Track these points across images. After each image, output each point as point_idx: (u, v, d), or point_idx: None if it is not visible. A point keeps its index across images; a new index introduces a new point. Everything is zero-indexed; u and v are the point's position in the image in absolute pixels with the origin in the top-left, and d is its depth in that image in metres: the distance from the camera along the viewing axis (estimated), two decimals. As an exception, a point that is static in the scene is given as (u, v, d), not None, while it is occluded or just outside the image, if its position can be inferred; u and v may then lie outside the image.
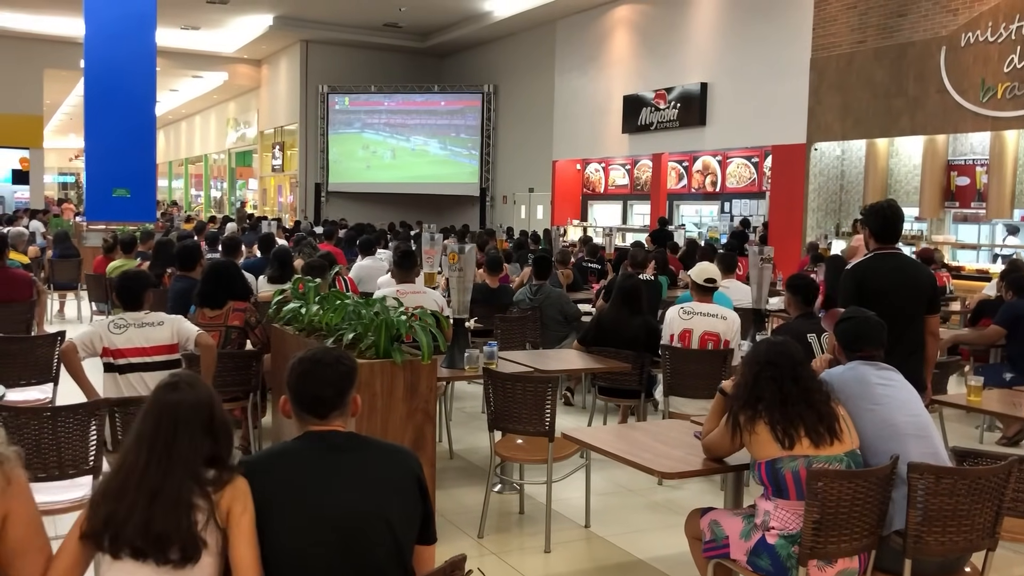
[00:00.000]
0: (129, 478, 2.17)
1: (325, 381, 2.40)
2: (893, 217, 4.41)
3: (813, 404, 3.09)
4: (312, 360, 2.44)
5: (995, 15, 11.35)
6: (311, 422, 2.41)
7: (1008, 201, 12.04)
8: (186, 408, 2.25)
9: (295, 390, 2.42)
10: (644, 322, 5.96)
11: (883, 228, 4.39)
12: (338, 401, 2.42)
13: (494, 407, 4.53)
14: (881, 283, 4.26)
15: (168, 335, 4.83)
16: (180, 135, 39.73)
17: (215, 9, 21.30)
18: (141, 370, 4.75)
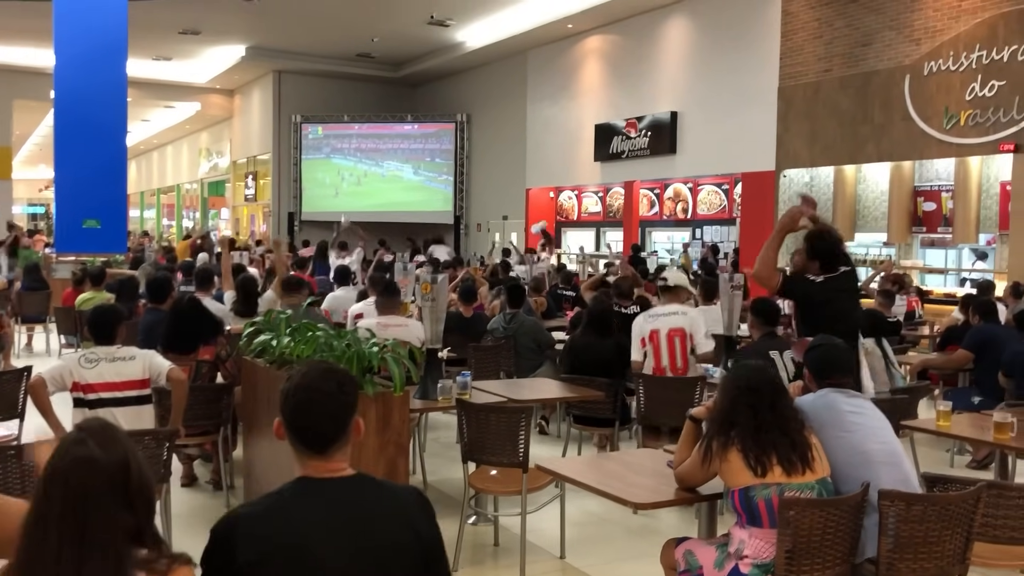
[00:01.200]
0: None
1: (325, 415, 2.10)
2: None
3: (788, 432, 3.09)
4: (310, 389, 2.12)
5: (955, 45, 11.59)
6: (309, 459, 2.12)
7: (973, 226, 12.23)
8: (98, 473, 1.79)
9: (290, 423, 2.13)
10: (616, 344, 6.05)
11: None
12: (340, 435, 2.12)
13: (467, 438, 4.50)
14: None
15: (140, 370, 4.76)
16: (152, 165, 39.50)
17: (187, 40, 21.29)
18: (112, 405, 4.67)
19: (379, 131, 23.45)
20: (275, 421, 2.17)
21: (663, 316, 5.98)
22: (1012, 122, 11.01)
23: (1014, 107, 10.97)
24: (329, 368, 2.20)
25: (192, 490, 5.88)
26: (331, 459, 2.11)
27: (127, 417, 4.65)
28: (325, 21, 19.21)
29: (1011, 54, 10.99)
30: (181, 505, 5.52)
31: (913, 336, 9.60)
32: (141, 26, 18.16)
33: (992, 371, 6.20)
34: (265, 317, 5.36)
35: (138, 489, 1.83)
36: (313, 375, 2.16)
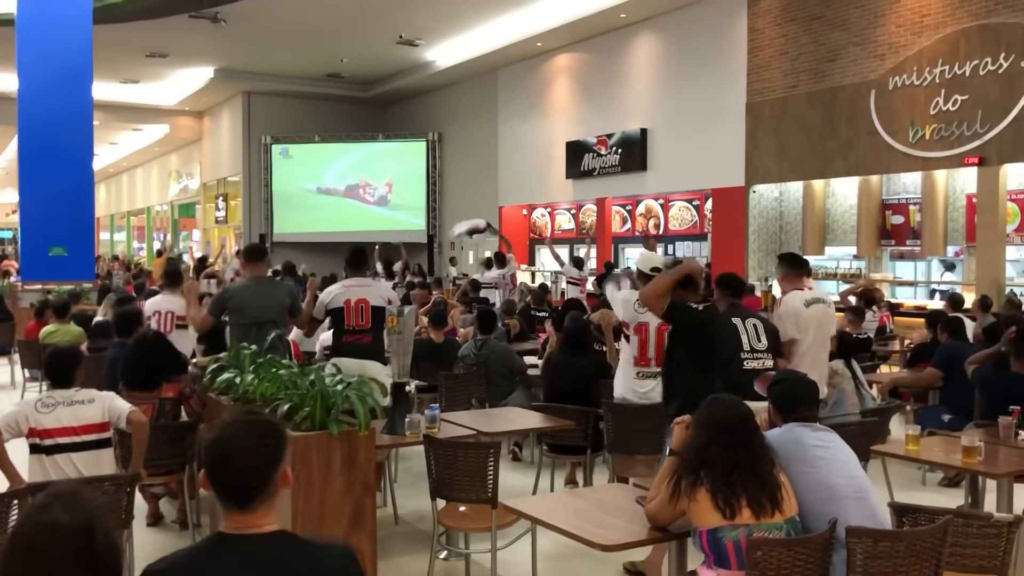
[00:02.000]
0: None
1: (245, 468, 2.02)
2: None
3: (759, 473, 3.06)
4: (229, 442, 2.05)
5: (919, 60, 11.73)
6: (230, 512, 2.05)
7: (941, 238, 12.36)
8: (63, 539, 1.78)
9: (210, 475, 2.05)
10: (593, 363, 6.07)
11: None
12: (262, 488, 2.04)
13: (435, 475, 4.44)
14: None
15: (99, 413, 4.64)
16: (122, 188, 39.15)
17: (155, 62, 21.14)
18: (70, 450, 4.55)
19: (351, 155, 23.38)
20: (200, 473, 2.11)
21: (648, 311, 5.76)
22: (976, 136, 11.14)
23: (977, 121, 11.10)
24: (252, 420, 2.12)
25: (158, 529, 5.77)
26: (252, 513, 2.04)
27: (86, 462, 4.55)
28: (294, 42, 19.15)
29: (973, 69, 11.14)
30: (147, 546, 5.40)
31: (884, 351, 9.66)
32: (107, 49, 18.01)
33: (961, 389, 6.23)
34: (230, 353, 5.29)
35: (105, 553, 1.83)
36: (233, 428, 2.09)
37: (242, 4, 16.27)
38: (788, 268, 5.72)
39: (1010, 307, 9.55)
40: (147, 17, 17.22)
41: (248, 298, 6.18)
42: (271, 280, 6.72)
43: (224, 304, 6.22)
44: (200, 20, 17.24)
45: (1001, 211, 11.29)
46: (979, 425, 5.26)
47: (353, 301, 6.19)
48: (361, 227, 22.77)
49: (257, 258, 6.53)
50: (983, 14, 11.08)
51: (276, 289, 6.46)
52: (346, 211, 23.34)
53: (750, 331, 4.99)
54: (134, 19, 17.26)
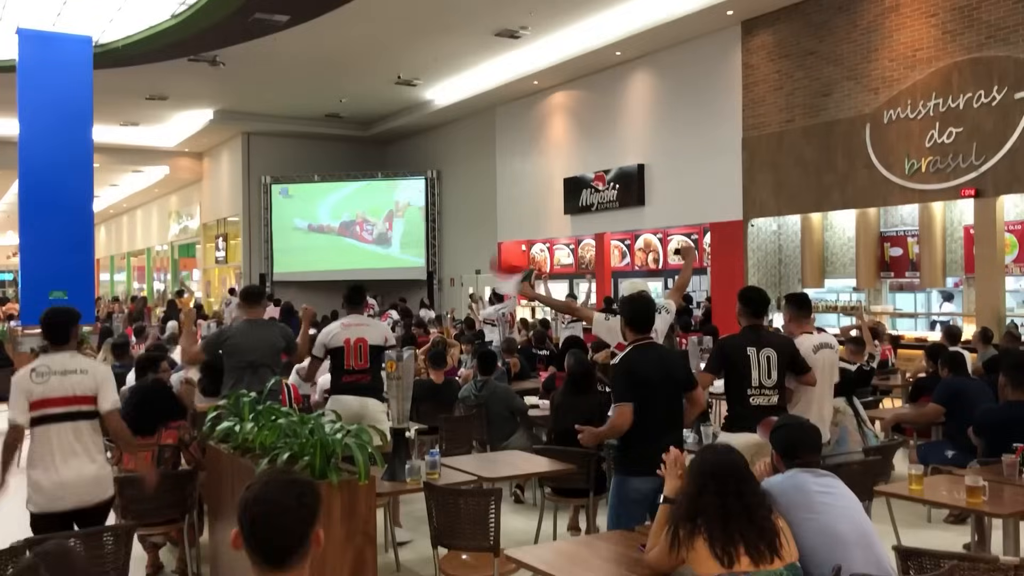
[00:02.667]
0: None
1: (284, 529, 2.03)
2: (644, 308, 4.66)
3: (755, 519, 3.04)
4: (269, 502, 2.05)
5: (913, 94, 11.82)
6: (264, 571, 2.05)
7: (940, 270, 12.36)
8: None
9: (247, 536, 2.05)
10: (597, 400, 6.05)
11: (633, 318, 4.63)
12: (298, 548, 2.04)
13: (436, 523, 4.41)
14: (648, 372, 4.45)
15: (92, 386, 4.53)
16: (122, 229, 39.29)
17: (155, 105, 21.33)
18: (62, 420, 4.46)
19: (349, 189, 23.51)
20: (232, 532, 2.09)
21: None
22: (971, 168, 11.20)
23: (972, 153, 11.16)
24: (291, 480, 2.12)
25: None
26: (287, 572, 2.04)
27: (75, 433, 4.48)
28: (292, 83, 19.33)
29: (966, 101, 11.22)
30: (146, 597, 5.37)
31: (885, 386, 9.63)
32: (108, 92, 18.20)
33: (963, 424, 6.18)
34: (229, 400, 5.27)
35: None
36: (273, 487, 2.08)
37: (241, 47, 16.45)
38: (796, 310, 5.65)
39: (1009, 339, 9.54)
40: (147, 61, 17.41)
41: (242, 340, 6.19)
42: (266, 323, 6.71)
43: (219, 344, 6.23)
44: (199, 63, 17.42)
45: (999, 242, 11.31)
46: (983, 463, 5.23)
47: (352, 340, 6.24)
48: (361, 265, 22.84)
49: (253, 300, 6.54)
50: (975, 48, 11.19)
51: (269, 332, 6.43)
52: (346, 249, 23.40)
53: (762, 364, 4.99)
54: (134, 63, 17.44)
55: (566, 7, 14.50)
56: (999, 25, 10.94)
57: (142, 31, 16.10)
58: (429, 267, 23.02)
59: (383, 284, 22.56)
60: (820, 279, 13.93)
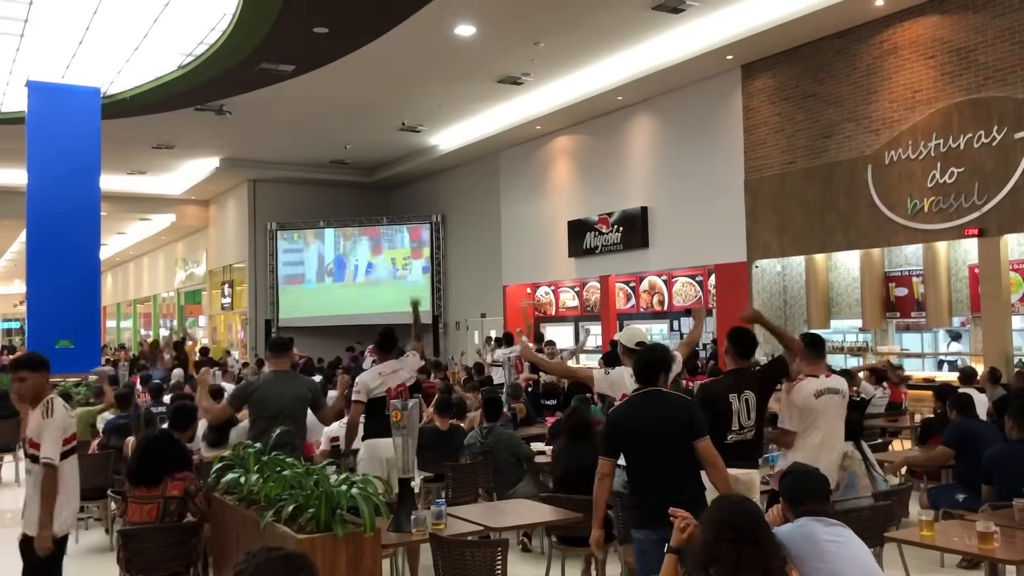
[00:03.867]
0: None
1: None
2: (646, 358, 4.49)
3: (769, 570, 3.01)
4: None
5: (914, 134, 11.90)
6: None
7: (946, 309, 12.34)
8: None
9: None
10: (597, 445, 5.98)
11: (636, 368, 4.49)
12: None
13: (443, 574, 4.37)
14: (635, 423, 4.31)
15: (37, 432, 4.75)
16: (128, 276, 39.48)
17: (162, 154, 21.56)
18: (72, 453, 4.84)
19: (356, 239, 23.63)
20: None
21: None
22: (974, 207, 11.23)
23: (975, 192, 11.20)
24: (285, 555, 2.08)
25: (162, 635, 5.64)
26: None
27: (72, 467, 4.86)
28: (297, 131, 19.54)
29: (967, 142, 11.29)
30: (150, 653, 5.30)
31: (894, 427, 9.58)
32: (115, 142, 18.42)
33: (973, 467, 6.14)
34: (234, 451, 5.26)
35: None
36: (268, 567, 2.05)
37: (246, 96, 16.66)
38: (809, 351, 5.58)
39: (1019, 379, 9.48)
40: (154, 111, 17.64)
41: (269, 391, 6.16)
42: (293, 375, 6.67)
43: (247, 397, 6.22)
44: (205, 112, 17.64)
45: (1004, 281, 11.30)
46: (994, 507, 5.18)
47: (394, 388, 6.30)
48: (367, 309, 22.87)
49: (280, 351, 6.47)
50: (973, 89, 11.28)
51: (298, 385, 6.39)
52: (352, 294, 23.46)
53: (742, 408, 5.09)
54: (141, 113, 17.67)
55: (568, 54, 14.69)
56: (996, 66, 11.05)
57: (149, 81, 16.34)
58: (434, 311, 23.05)
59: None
60: (826, 320, 13.91)
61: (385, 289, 23.43)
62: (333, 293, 23.62)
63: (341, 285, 23.67)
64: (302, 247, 23.93)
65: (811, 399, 5.19)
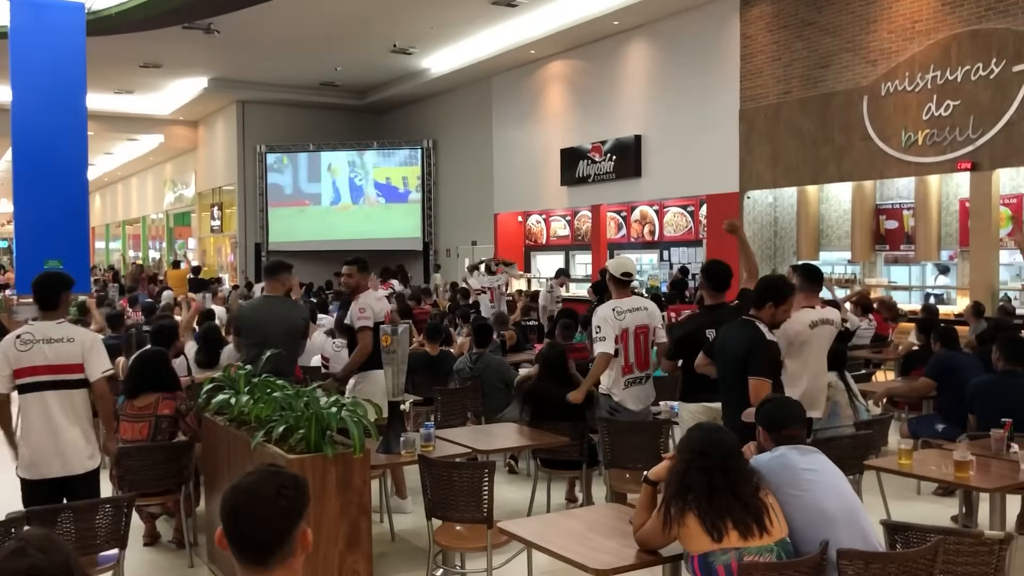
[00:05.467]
0: None
1: (261, 521, 1.94)
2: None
3: (740, 496, 3.09)
4: (246, 491, 1.97)
5: (911, 66, 11.77)
6: (248, 571, 1.97)
7: (935, 243, 12.39)
8: None
9: (226, 528, 1.97)
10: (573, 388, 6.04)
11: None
12: (279, 545, 1.95)
13: (430, 495, 4.46)
14: None
15: (78, 353, 4.55)
16: (117, 197, 39.14)
17: (148, 73, 21.15)
18: (45, 388, 4.49)
19: (345, 159, 23.43)
20: (217, 531, 2.02)
21: (629, 313, 5.71)
22: (968, 141, 11.18)
23: (969, 126, 11.14)
24: (273, 471, 2.04)
25: (155, 549, 5.77)
26: (272, 574, 1.96)
27: (60, 402, 4.53)
28: (287, 51, 19.17)
29: (964, 74, 11.18)
30: (143, 566, 5.43)
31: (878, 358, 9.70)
32: (101, 60, 18.02)
33: (954, 398, 6.25)
34: (225, 373, 5.31)
35: None
36: (252, 478, 2.01)
37: (235, 15, 16.28)
38: (806, 283, 5.45)
39: (1002, 312, 9.60)
40: (140, 29, 17.23)
41: (256, 319, 6.06)
42: (285, 301, 6.35)
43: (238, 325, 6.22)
44: (193, 31, 17.26)
45: (994, 216, 11.33)
46: (972, 437, 5.28)
47: (391, 313, 6.37)
48: (357, 235, 22.79)
49: (271, 275, 6.28)
50: (974, 19, 11.13)
51: (289, 312, 6.19)
52: (341, 219, 23.35)
53: None
54: (127, 31, 17.26)
55: (563, -24, 14.37)
56: (999, -4, 10.88)
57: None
58: (425, 238, 23.00)
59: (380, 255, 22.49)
60: (815, 252, 13.95)
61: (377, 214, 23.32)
62: (323, 217, 23.49)
63: (331, 209, 23.52)
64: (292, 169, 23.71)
65: (805, 329, 5.17)
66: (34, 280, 4.73)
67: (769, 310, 4.49)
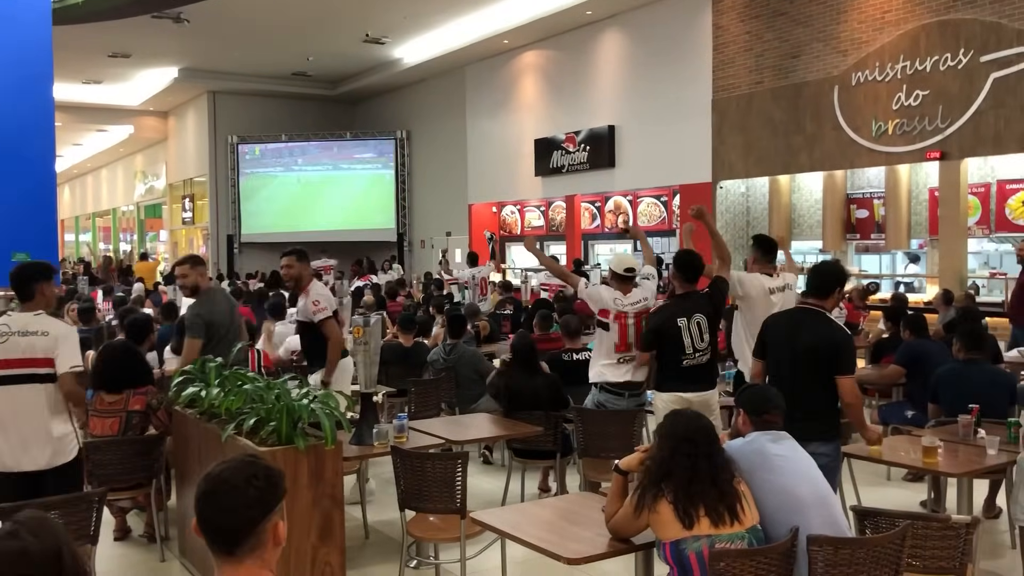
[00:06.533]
0: None
1: (229, 508, 1.95)
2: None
3: (718, 483, 3.11)
4: (218, 479, 1.98)
5: (881, 56, 11.86)
6: (220, 561, 1.97)
7: (905, 231, 12.50)
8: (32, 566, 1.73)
9: (197, 515, 1.99)
10: (545, 381, 6.05)
11: None
12: (248, 533, 1.95)
13: (403, 486, 4.45)
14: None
15: (51, 347, 4.45)
16: (86, 189, 38.65)
17: (118, 63, 20.88)
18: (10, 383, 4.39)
19: (319, 154, 23.26)
20: (192, 520, 2.03)
21: (629, 305, 5.71)
22: (937, 130, 11.29)
23: (938, 116, 11.25)
24: (247, 461, 2.05)
25: (125, 544, 5.71)
26: (241, 564, 1.96)
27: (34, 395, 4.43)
28: (258, 41, 18.99)
29: (933, 64, 11.28)
30: (114, 560, 5.38)
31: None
32: (68, 50, 17.76)
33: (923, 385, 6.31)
34: (195, 365, 5.25)
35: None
36: (225, 466, 2.02)
37: (205, 4, 16.10)
38: (761, 253, 5.95)
39: (967, 299, 9.71)
40: (108, 18, 16.98)
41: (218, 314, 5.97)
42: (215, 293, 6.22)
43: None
44: (163, 20, 17.05)
45: (963, 205, 11.46)
46: (940, 423, 5.35)
47: None
48: (330, 226, 22.68)
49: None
50: (942, 10, 11.22)
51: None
52: (314, 210, 23.19)
53: (694, 332, 5.26)
54: (95, 20, 17.01)
55: (536, -35, 14.33)
56: (967, -13, 10.98)
57: (102, -14, 15.72)
58: (399, 229, 22.92)
59: (354, 246, 22.40)
60: (787, 241, 14.01)
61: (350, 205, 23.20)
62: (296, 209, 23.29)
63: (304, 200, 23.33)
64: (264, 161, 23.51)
65: (765, 296, 5.39)
66: (11, 271, 4.66)
67: (836, 296, 4.50)
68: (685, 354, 5.21)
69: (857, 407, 4.35)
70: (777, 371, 4.35)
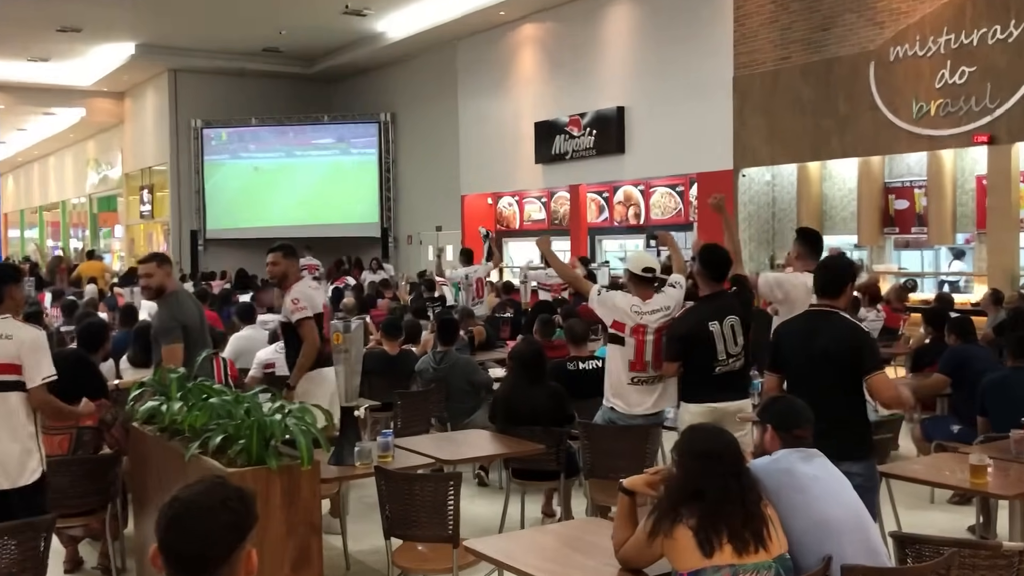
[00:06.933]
0: None
1: (200, 534, 1.95)
2: None
3: (746, 504, 3.10)
4: (187, 502, 1.99)
5: (922, 28, 11.87)
6: None
7: (950, 224, 12.51)
8: None
9: (161, 543, 1.98)
10: (550, 392, 6.03)
11: None
12: (219, 564, 1.96)
13: (389, 511, 4.45)
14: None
15: (14, 352, 4.46)
16: (32, 180, 38.66)
17: (67, 38, 20.87)
18: None
19: (294, 140, 23.28)
20: (151, 548, 2.02)
21: (648, 314, 5.55)
22: (985, 111, 11.30)
23: (986, 95, 11.26)
24: (218, 483, 2.07)
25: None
26: None
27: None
28: (224, 13, 19.00)
29: (980, 37, 11.30)
30: (65, 596, 5.38)
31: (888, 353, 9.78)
32: (11, 24, 17.82)
33: (969, 396, 6.32)
34: (155, 376, 5.25)
35: None
36: (196, 487, 2.04)
37: (165, -28, 16.14)
38: (807, 248, 5.80)
39: (1019, 300, 9.71)
40: (56, -13, 17.02)
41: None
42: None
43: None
44: (117, -10, 17.07)
45: (1014, 194, 11.47)
46: (989, 439, 5.35)
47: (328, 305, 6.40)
48: (306, 221, 22.65)
49: None
50: (990, -24, 11.25)
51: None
52: (288, 203, 23.18)
53: (727, 335, 5.23)
54: (41, -10, 17.04)
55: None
56: (1018, -49, 11.00)
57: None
58: (383, 223, 22.91)
59: (333, 242, 22.41)
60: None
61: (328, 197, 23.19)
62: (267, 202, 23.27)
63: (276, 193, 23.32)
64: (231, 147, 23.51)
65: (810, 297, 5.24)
66: None
67: (849, 292, 4.51)
68: (718, 360, 5.19)
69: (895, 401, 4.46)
70: (796, 382, 4.35)
